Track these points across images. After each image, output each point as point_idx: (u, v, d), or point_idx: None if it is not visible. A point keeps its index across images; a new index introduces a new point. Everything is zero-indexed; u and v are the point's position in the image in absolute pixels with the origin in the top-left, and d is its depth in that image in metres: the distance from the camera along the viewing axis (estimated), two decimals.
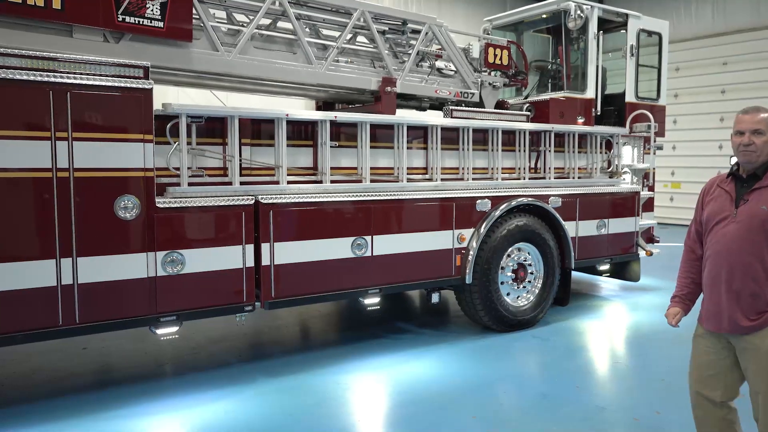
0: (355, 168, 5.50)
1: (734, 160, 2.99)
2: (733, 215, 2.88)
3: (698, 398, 3.06)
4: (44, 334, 3.98)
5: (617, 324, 6.72)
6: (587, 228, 6.81)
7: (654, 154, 7.83)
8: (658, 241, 8.01)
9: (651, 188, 7.95)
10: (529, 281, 6.35)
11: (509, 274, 6.17)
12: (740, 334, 2.86)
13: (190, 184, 4.54)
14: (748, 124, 2.85)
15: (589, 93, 7.46)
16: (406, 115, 6.05)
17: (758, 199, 2.83)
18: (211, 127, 4.81)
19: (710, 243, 2.97)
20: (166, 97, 5.99)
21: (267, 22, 5.50)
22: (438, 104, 6.65)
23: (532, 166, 6.78)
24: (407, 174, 5.67)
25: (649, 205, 7.94)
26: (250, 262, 4.66)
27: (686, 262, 3.18)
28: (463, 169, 6.14)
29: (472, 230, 5.88)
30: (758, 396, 2.86)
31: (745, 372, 2.92)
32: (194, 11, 4.73)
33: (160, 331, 4.42)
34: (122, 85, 4.08)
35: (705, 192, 3.11)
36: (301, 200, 4.90)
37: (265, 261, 4.72)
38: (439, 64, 6.51)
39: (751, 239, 2.81)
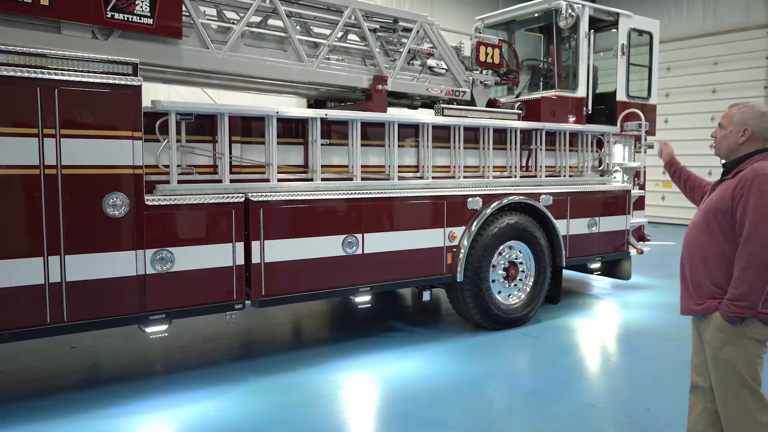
0: (346, 166, 5.49)
1: None
2: (702, 205, 3.05)
3: (691, 385, 3.17)
4: (32, 332, 3.94)
5: (608, 322, 6.74)
6: (578, 226, 6.83)
7: (645, 152, 7.88)
8: (649, 240, 8.05)
9: (642, 187, 7.99)
10: (521, 279, 6.36)
11: (500, 272, 6.18)
12: (695, 317, 3.00)
13: (179, 182, 4.51)
14: (720, 118, 3.02)
15: (581, 92, 7.49)
16: (397, 113, 6.04)
17: (719, 191, 2.93)
18: (201, 125, 4.78)
19: None
20: (156, 94, 5.97)
21: (258, 19, 5.48)
22: (429, 102, 6.65)
23: (524, 164, 6.78)
24: (398, 172, 5.66)
25: (640, 204, 7.99)
26: (240, 260, 4.64)
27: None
28: (454, 167, 6.14)
29: (463, 228, 5.88)
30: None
31: None
32: (184, 8, 4.71)
33: (149, 330, 4.39)
34: (111, 81, 4.04)
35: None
36: (291, 198, 4.89)
37: (256, 259, 4.70)
38: (431, 62, 6.51)
39: (702, 228, 2.94)
